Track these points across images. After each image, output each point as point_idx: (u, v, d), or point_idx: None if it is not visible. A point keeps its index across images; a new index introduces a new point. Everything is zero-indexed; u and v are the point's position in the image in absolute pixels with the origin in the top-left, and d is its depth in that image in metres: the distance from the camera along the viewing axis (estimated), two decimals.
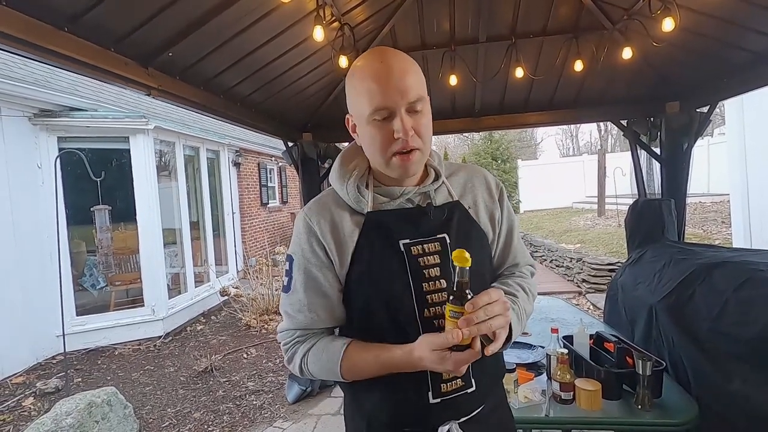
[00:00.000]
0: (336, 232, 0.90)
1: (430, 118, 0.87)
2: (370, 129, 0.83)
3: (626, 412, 1.53)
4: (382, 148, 0.83)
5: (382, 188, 0.92)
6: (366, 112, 0.82)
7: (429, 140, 0.87)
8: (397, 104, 0.80)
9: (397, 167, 0.85)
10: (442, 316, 0.84)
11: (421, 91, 0.83)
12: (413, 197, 0.92)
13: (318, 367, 0.89)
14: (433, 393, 0.86)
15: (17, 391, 3.72)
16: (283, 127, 3.28)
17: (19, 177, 4.33)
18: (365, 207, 0.90)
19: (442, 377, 0.85)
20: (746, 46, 2.33)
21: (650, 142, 3.22)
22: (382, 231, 0.88)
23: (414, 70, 0.84)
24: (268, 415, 3.21)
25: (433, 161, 0.95)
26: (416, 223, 0.90)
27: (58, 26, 1.46)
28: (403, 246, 0.87)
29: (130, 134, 4.99)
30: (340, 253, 0.89)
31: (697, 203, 9.48)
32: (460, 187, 0.97)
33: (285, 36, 2.27)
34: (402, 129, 0.80)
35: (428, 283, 0.86)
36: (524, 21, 2.82)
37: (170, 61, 1.96)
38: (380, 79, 0.80)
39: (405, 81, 0.81)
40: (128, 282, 5.35)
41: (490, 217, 0.97)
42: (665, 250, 2.43)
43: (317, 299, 0.90)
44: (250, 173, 9.43)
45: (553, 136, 32.20)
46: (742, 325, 1.55)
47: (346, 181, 0.92)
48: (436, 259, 0.87)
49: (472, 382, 0.88)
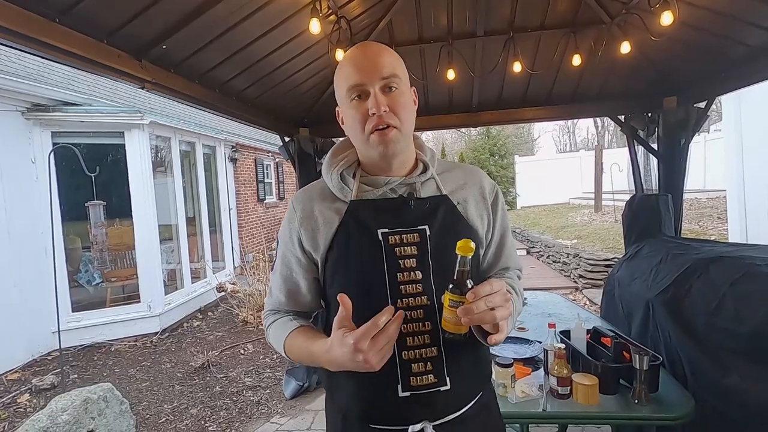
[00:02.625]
0: (312, 220, 0.92)
1: (409, 100, 0.88)
2: (349, 110, 0.86)
3: (623, 407, 1.53)
4: (360, 126, 0.85)
5: (368, 178, 0.92)
6: (344, 93, 0.86)
7: (408, 121, 0.87)
8: (370, 80, 0.82)
9: (376, 145, 0.85)
10: (416, 307, 0.85)
11: (397, 69, 0.85)
12: (397, 187, 0.91)
13: (274, 342, 0.96)
14: (403, 386, 0.85)
15: (12, 388, 3.70)
16: (279, 122, 3.26)
17: (13, 172, 4.29)
18: (349, 195, 0.91)
19: (412, 369, 0.85)
20: (745, 41, 2.32)
21: (648, 137, 3.21)
22: (362, 219, 0.89)
23: (389, 53, 0.86)
24: (265, 411, 3.21)
25: (423, 155, 0.95)
26: (397, 213, 0.90)
27: (50, 18, 1.43)
28: (381, 235, 0.87)
29: (125, 129, 4.95)
30: (314, 239, 0.91)
31: (693, 199, 9.51)
32: (451, 184, 0.96)
33: (281, 29, 2.25)
34: (375, 104, 0.82)
35: (403, 274, 0.86)
36: (522, 15, 2.81)
37: (164, 54, 1.93)
38: (355, 61, 0.85)
39: (378, 60, 0.83)
40: (124, 278, 5.33)
41: (480, 217, 0.95)
42: (662, 245, 2.43)
43: (284, 284, 0.97)
44: (246, 169, 9.38)
45: (550, 132, 32.25)
46: (739, 319, 1.55)
47: (332, 170, 0.94)
48: (413, 250, 0.87)
49: (447, 380, 0.86)
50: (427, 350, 0.85)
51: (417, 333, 0.85)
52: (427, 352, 0.85)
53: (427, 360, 0.85)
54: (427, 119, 3.59)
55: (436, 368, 0.85)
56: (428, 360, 0.85)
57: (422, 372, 0.85)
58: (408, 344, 0.84)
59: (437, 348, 0.85)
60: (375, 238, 0.87)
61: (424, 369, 0.85)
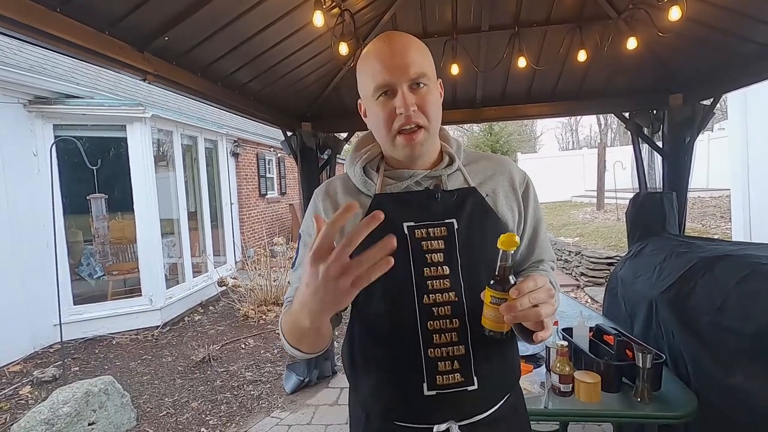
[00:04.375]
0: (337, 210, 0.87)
1: (437, 96, 0.85)
2: (375, 108, 0.83)
3: (625, 405, 1.52)
4: (386, 126, 0.82)
5: (392, 171, 0.90)
6: (370, 91, 0.82)
7: (436, 119, 0.84)
8: (398, 80, 0.79)
9: (402, 147, 0.83)
10: (443, 303, 0.82)
11: (425, 67, 0.81)
12: (422, 180, 0.89)
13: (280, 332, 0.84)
14: (428, 385, 0.82)
15: (14, 380, 3.72)
16: (281, 116, 3.24)
17: (15, 165, 4.28)
18: (372, 189, 0.89)
19: (438, 368, 0.82)
20: (754, 37, 2.29)
21: (652, 134, 3.19)
22: (387, 213, 0.84)
23: (417, 47, 0.82)
24: (265, 405, 3.22)
25: (449, 147, 0.92)
26: (423, 206, 0.87)
27: (51, 7, 1.41)
28: (407, 229, 0.84)
29: (127, 122, 4.93)
30: (339, 234, 0.86)
31: (697, 198, 9.48)
32: (479, 176, 0.92)
33: (284, 21, 2.22)
34: (403, 104, 0.79)
35: (429, 269, 0.83)
36: (528, 9, 2.78)
37: (166, 45, 1.91)
38: (382, 57, 0.81)
39: (406, 57, 0.80)
40: (126, 271, 5.33)
41: (510, 209, 0.92)
42: (666, 243, 2.41)
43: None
44: (248, 164, 9.37)
45: (553, 130, 32.15)
46: (744, 318, 1.54)
47: (355, 163, 0.92)
48: (440, 244, 0.84)
49: (474, 379, 0.83)
50: (454, 348, 0.82)
51: (444, 330, 0.82)
52: (454, 350, 0.82)
53: (454, 358, 0.82)
54: None
55: (463, 367, 0.82)
56: (455, 358, 0.82)
57: (449, 371, 0.82)
58: (434, 341, 0.82)
59: (465, 346, 0.83)
60: (401, 232, 0.83)
61: (451, 368, 0.82)
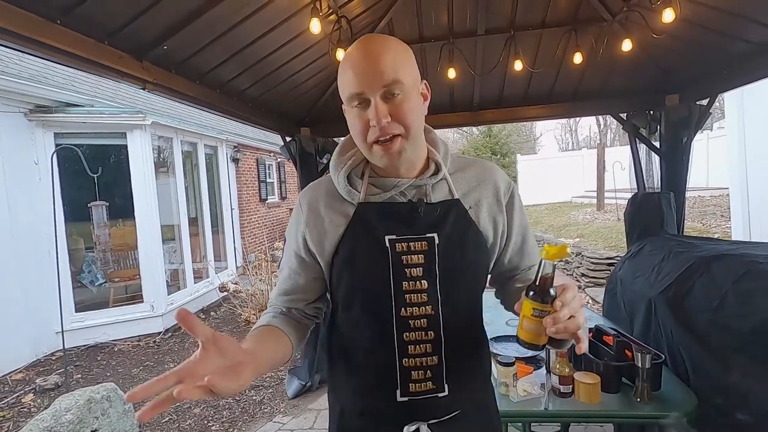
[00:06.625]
0: (319, 220, 0.88)
1: (416, 102, 0.81)
2: (351, 117, 0.82)
3: (625, 405, 1.53)
4: (362, 136, 0.80)
5: (377, 179, 0.88)
6: (345, 99, 0.81)
7: (415, 125, 0.81)
8: (370, 90, 0.76)
9: (380, 157, 0.81)
10: (420, 316, 0.84)
11: (400, 73, 0.77)
12: (407, 190, 0.87)
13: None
14: (401, 392, 0.85)
15: (17, 388, 3.72)
16: (280, 122, 3.26)
17: (16, 173, 4.30)
18: (356, 198, 0.87)
19: (411, 377, 0.84)
20: (747, 37, 2.31)
21: (650, 135, 3.20)
22: (370, 224, 0.86)
23: (392, 51, 0.78)
24: (267, 410, 3.22)
25: (436, 154, 0.90)
26: (406, 219, 0.86)
27: (51, 18, 1.43)
28: (388, 242, 0.84)
29: (127, 130, 4.96)
30: (320, 241, 0.88)
31: (696, 197, 9.48)
32: (464, 185, 0.91)
33: (281, 29, 2.25)
34: (375, 116, 0.76)
35: (408, 282, 0.84)
36: (523, 13, 2.80)
37: (165, 54, 1.93)
38: (355, 64, 0.78)
39: (379, 64, 0.76)
40: (127, 278, 5.34)
41: (492, 221, 0.91)
42: (664, 243, 2.42)
43: (285, 282, 0.94)
44: (248, 169, 9.39)
45: (552, 131, 32.16)
46: (742, 317, 1.55)
47: (339, 170, 0.90)
48: (420, 258, 0.84)
49: (445, 387, 0.86)
50: (428, 359, 0.84)
51: (419, 342, 0.84)
52: (427, 361, 0.84)
53: (428, 368, 0.85)
54: (428, 118, 3.53)
55: (435, 376, 0.85)
56: (428, 368, 0.85)
57: (421, 379, 0.85)
58: (409, 352, 0.84)
59: (438, 357, 0.85)
60: (382, 245, 0.84)
61: (424, 377, 0.84)
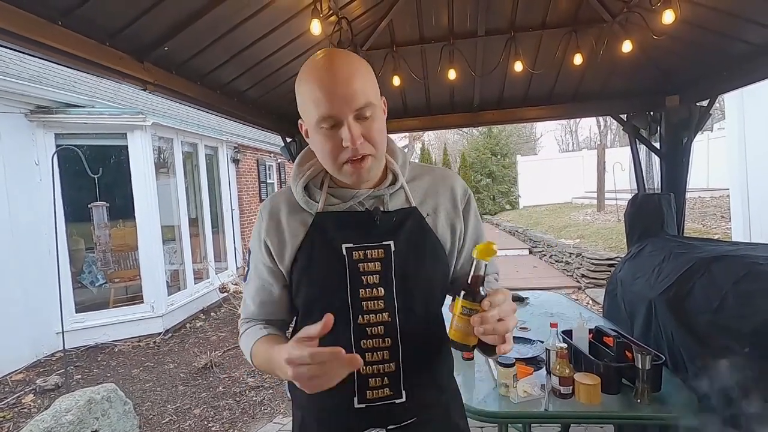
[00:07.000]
0: (279, 230, 0.89)
1: (382, 121, 0.83)
2: (318, 137, 0.80)
3: (625, 406, 1.52)
4: (332, 157, 0.80)
5: (336, 189, 0.89)
6: (313, 119, 0.78)
7: (382, 144, 0.83)
8: (343, 113, 0.76)
9: (349, 174, 0.82)
10: (377, 323, 0.85)
11: (370, 95, 0.78)
12: (365, 200, 0.89)
13: (244, 349, 0.93)
14: (359, 398, 0.85)
15: (17, 388, 3.72)
16: (280, 123, 3.26)
17: (17, 174, 4.31)
18: (314, 208, 0.88)
19: (369, 384, 0.85)
20: (747, 38, 2.31)
21: (650, 136, 3.21)
22: (327, 233, 0.87)
23: (361, 73, 0.78)
24: (268, 411, 3.22)
25: (394, 164, 0.91)
26: (363, 227, 0.87)
27: (52, 20, 1.44)
28: (345, 250, 0.85)
29: (128, 130, 4.96)
30: (281, 250, 0.89)
31: (697, 198, 9.48)
32: (421, 193, 0.92)
33: (282, 30, 2.25)
34: (350, 138, 0.76)
35: (365, 290, 0.84)
36: (523, 14, 2.80)
37: (166, 55, 1.94)
38: (325, 86, 0.76)
39: (350, 87, 0.76)
40: (127, 279, 5.34)
41: (450, 227, 0.92)
42: (664, 245, 2.42)
43: (257, 294, 0.94)
44: (248, 170, 9.40)
45: (552, 132, 32.15)
46: (742, 318, 1.55)
47: (297, 181, 0.91)
48: (376, 266, 0.85)
49: (402, 393, 0.86)
50: (385, 366, 0.85)
51: (376, 349, 0.85)
52: (385, 368, 0.85)
53: (385, 375, 0.85)
54: (428, 119, 3.59)
55: (392, 382, 0.86)
56: (386, 375, 0.86)
57: (378, 386, 0.85)
58: (367, 359, 0.84)
59: (395, 363, 0.86)
60: (339, 254, 0.85)
61: (381, 383, 0.85)
